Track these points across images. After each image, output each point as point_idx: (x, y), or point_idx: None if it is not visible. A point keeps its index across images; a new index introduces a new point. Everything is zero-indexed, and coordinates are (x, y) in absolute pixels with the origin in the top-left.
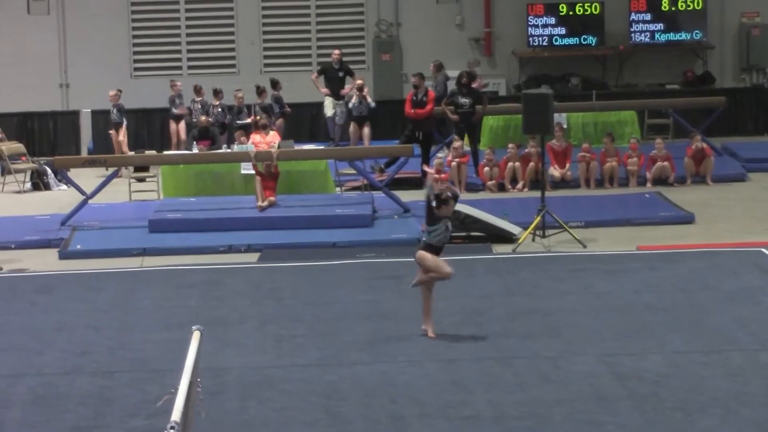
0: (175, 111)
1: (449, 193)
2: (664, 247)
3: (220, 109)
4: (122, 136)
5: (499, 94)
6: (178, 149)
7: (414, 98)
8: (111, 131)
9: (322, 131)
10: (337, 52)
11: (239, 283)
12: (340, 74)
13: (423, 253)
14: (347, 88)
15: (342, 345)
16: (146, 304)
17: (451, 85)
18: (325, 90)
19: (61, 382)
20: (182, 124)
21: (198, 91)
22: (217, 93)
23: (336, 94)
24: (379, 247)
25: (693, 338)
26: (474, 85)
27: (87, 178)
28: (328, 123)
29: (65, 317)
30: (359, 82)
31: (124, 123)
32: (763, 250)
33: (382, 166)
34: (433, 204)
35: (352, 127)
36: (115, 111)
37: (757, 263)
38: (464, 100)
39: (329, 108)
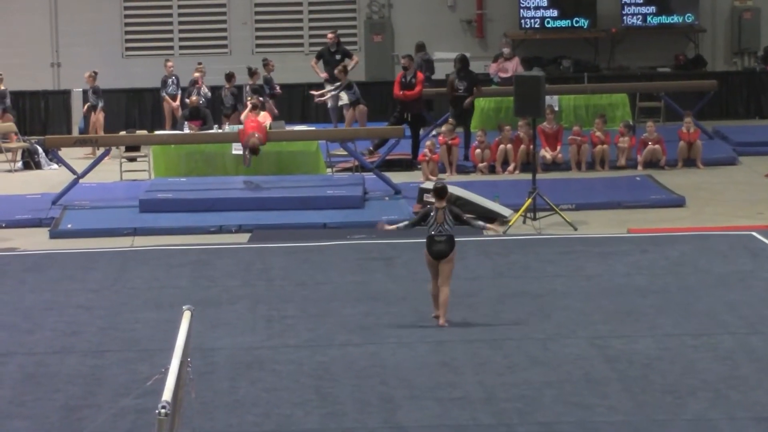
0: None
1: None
2: (655, 230)
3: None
4: (100, 118)
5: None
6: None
7: (403, 80)
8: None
9: (314, 112)
10: (331, 34)
11: (230, 264)
12: (338, 57)
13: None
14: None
15: (332, 326)
16: (137, 284)
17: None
18: (324, 75)
19: (52, 361)
20: (176, 105)
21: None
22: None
23: (334, 78)
24: (370, 228)
25: (683, 321)
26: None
27: (78, 157)
28: (331, 113)
29: (56, 296)
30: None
31: (100, 105)
32: (754, 233)
33: (371, 147)
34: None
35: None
36: (91, 93)
37: (747, 246)
38: (460, 84)
39: (331, 98)
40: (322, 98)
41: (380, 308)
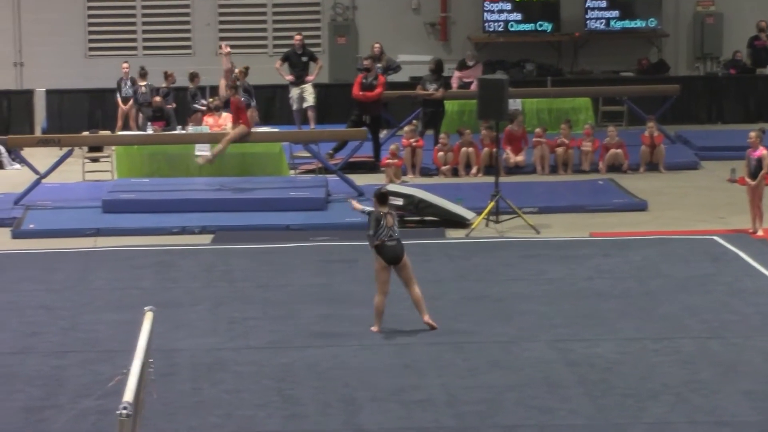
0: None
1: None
2: (617, 234)
3: (144, 90)
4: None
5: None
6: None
7: (364, 81)
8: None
9: (278, 114)
10: (298, 36)
11: (192, 265)
12: (304, 59)
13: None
14: (313, 74)
15: (295, 328)
16: (99, 285)
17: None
18: (289, 77)
19: (12, 361)
20: (131, 108)
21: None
22: (167, 76)
23: (300, 80)
24: (333, 230)
25: (644, 325)
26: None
27: (41, 157)
28: (295, 115)
29: (17, 297)
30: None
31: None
32: (715, 238)
33: (331, 151)
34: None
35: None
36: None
37: (708, 251)
38: (431, 87)
39: (296, 100)
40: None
41: (342, 310)
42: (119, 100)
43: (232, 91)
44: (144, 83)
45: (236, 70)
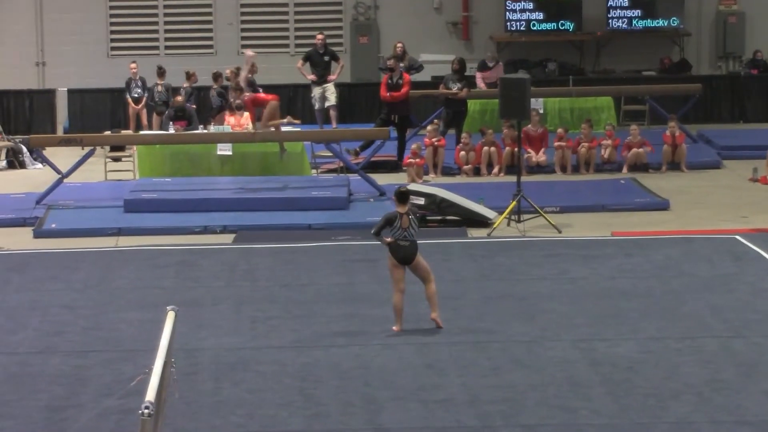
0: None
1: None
2: (639, 233)
3: (161, 89)
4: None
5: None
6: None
7: (389, 81)
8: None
9: (299, 113)
10: (320, 36)
11: (214, 264)
12: (326, 59)
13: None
14: (335, 74)
15: (317, 327)
16: (121, 284)
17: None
18: (311, 77)
19: (35, 361)
20: (143, 108)
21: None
22: (189, 76)
23: (322, 79)
24: (355, 229)
25: (667, 325)
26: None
27: (63, 157)
28: (317, 114)
29: (39, 296)
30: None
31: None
32: (738, 237)
33: (358, 149)
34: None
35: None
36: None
37: (731, 250)
38: (453, 86)
39: (317, 99)
40: None
41: (364, 310)
42: (129, 100)
43: (237, 93)
44: (162, 82)
45: (227, 71)
